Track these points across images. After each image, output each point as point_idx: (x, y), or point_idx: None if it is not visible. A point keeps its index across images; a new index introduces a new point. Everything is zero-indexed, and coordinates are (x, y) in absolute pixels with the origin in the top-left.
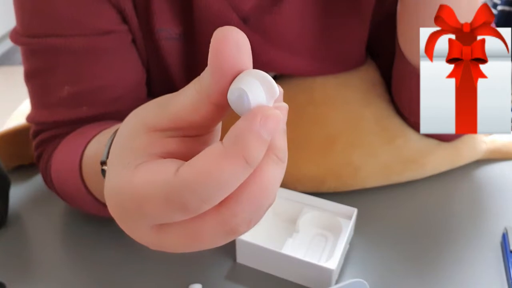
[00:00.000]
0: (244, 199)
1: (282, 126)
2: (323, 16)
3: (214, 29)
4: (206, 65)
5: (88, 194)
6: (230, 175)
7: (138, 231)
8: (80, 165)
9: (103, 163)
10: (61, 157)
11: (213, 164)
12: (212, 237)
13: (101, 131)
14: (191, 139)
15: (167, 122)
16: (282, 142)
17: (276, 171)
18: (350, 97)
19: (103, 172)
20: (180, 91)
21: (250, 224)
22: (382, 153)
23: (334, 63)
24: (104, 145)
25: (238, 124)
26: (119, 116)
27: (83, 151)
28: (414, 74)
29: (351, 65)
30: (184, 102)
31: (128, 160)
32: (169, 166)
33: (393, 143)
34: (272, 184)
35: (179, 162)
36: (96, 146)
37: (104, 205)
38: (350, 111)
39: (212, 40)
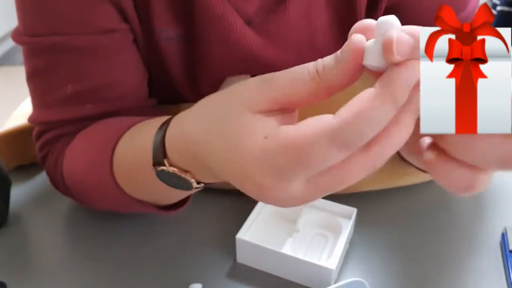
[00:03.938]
0: (386, 142)
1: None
2: (328, 14)
3: (217, 32)
4: (206, 65)
5: (115, 188)
6: (382, 112)
7: (288, 187)
8: (111, 163)
9: (158, 164)
10: (79, 152)
11: (369, 103)
12: (356, 176)
13: (122, 127)
14: (287, 114)
15: (274, 104)
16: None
17: (409, 123)
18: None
19: (159, 172)
20: (284, 75)
21: (383, 162)
22: None
23: None
24: (148, 145)
25: (393, 71)
26: (123, 114)
27: (113, 150)
28: None
29: None
30: (297, 89)
31: (250, 131)
32: (323, 116)
33: None
34: (405, 131)
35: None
36: (130, 147)
37: (130, 198)
38: None
39: (349, 42)
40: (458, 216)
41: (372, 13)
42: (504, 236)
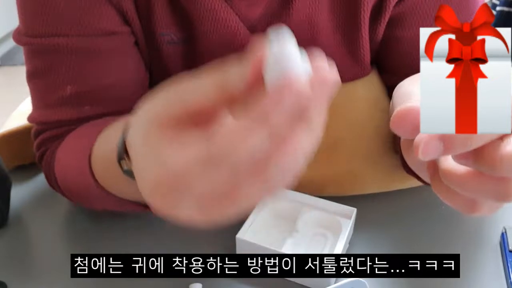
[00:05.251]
0: (275, 166)
1: (322, 101)
2: (332, 20)
3: (219, 37)
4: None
5: (98, 188)
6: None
7: (180, 214)
8: (89, 164)
9: (120, 160)
10: (66, 156)
11: (239, 137)
12: (251, 199)
13: (102, 129)
14: (205, 124)
15: (180, 111)
16: (316, 114)
17: (305, 139)
18: (355, 106)
19: (124, 170)
20: (190, 86)
21: (283, 182)
22: (384, 161)
23: (340, 70)
24: (115, 144)
25: (267, 101)
26: (122, 116)
27: (91, 151)
28: None
29: (357, 73)
30: (200, 98)
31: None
32: (196, 139)
33: (396, 152)
34: (300, 150)
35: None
36: (104, 146)
37: (115, 197)
38: (354, 119)
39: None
40: (457, 216)
41: (376, 21)
42: (503, 236)
